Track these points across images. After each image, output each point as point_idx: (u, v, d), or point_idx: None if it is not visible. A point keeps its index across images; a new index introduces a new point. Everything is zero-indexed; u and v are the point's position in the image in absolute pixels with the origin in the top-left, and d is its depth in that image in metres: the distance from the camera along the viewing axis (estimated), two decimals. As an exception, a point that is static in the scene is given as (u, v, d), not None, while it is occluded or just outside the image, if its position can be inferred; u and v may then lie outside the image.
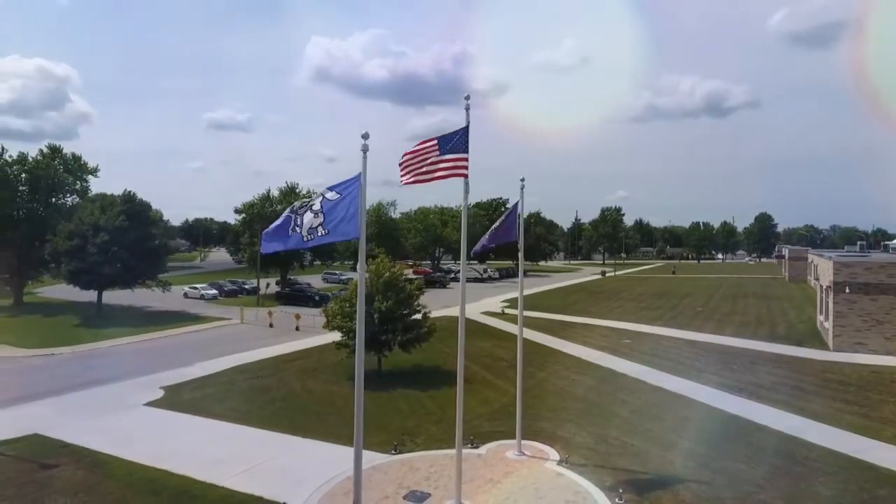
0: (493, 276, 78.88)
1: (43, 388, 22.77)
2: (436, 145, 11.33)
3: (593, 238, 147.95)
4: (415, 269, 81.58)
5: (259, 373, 25.18)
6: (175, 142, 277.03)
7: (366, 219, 9.62)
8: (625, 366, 25.91)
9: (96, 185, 56.00)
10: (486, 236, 15.50)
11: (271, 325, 38.21)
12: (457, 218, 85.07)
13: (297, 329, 36.30)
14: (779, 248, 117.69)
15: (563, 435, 16.97)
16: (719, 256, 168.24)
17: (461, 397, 12.59)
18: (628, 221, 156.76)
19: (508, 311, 43.50)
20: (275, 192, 61.89)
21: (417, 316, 24.92)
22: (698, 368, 25.35)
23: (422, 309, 25.33)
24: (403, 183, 11.40)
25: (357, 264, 10.38)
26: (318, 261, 67.84)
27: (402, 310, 24.16)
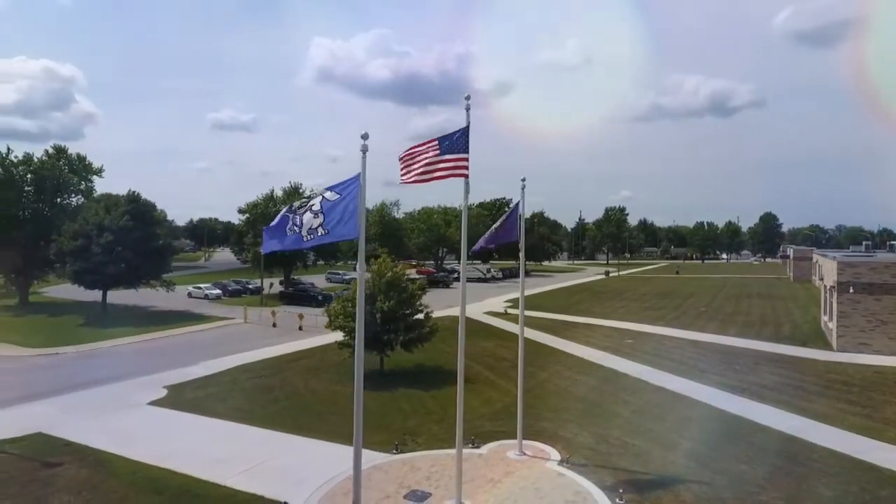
0: (497, 276, 78.81)
1: (47, 387, 22.93)
2: (436, 145, 11.37)
3: (597, 238, 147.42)
4: (418, 269, 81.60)
5: (262, 372, 25.28)
6: (180, 142, 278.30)
7: (369, 219, 9.68)
8: (627, 366, 25.90)
9: (101, 186, 56.47)
10: (485, 236, 15.51)
11: (275, 325, 38.32)
12: (460, 218, 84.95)
13: (300, 329, 36.40)
14: (783, 248, 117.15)
15: (564, 435, 16.98)
16: (724, 256, 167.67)
17: (461, 397, 12.63)
18: (632, 221, 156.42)
19: (511, 311, 43.44)
20: (278, 193, 62.22)
21: (420, 316, 24.96)
22: (701, 369, 25.31)
23: (424, 309, 25.38)
24: (403, 182, 11.46)
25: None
26: (322, 261, 67.98)
27: (405, 309, 24.22)
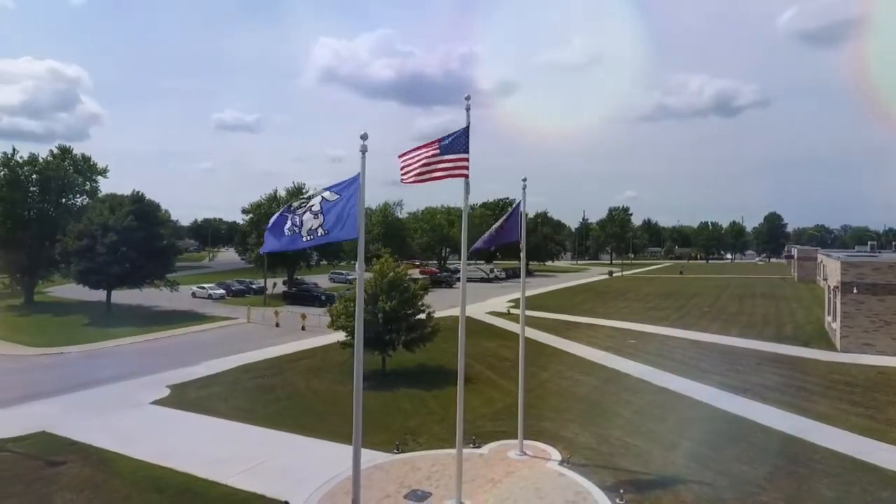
0: (500, 276, 78.72)
1: (51, 386, 23.06)
2: (436, 145, 11.41)
3: (601, 238, 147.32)
4: (421, 269, 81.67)
5: (264, 372, 25.35)
6: (184, 143, 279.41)
7: (372, 219, 9.72)
8: (629, 366, 25.86)
9: (106, 186, 56.66)
10: (485, 236, 15.51)
11: (278, 325, 38.43)
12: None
13: (303, 329, 36.49)
14: (788, 248, 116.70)
15: (565, 435, 16.98)
16: (728, 256, 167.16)
17: (461, 397, 12.65)
18: (636, 221, 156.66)
19: (514, 311, 43.45)
20: (282, 193, 62.39)
21: (421, 316, 24.97)
22: (703, 369, 25.25)
23: (426, 309, 25.40)
24: (403, 181, 11.51)
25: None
26: (325, 261, 68.10)
27: (406, 309, 24.23)
